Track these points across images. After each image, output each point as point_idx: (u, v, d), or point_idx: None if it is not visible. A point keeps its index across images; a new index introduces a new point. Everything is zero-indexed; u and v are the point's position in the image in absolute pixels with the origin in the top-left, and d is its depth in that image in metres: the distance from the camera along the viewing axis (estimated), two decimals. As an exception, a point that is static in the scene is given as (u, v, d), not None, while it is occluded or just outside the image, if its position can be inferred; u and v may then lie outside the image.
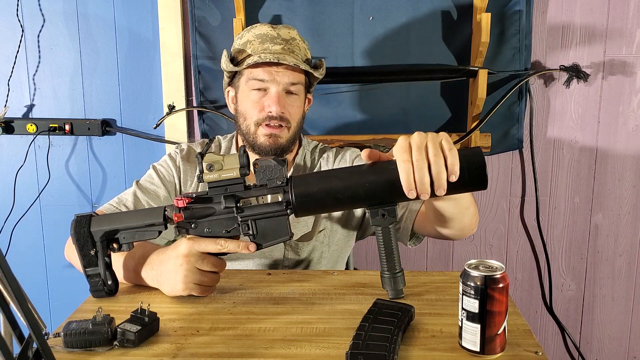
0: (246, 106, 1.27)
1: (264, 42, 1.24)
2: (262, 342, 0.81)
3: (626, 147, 1.81)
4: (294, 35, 1.27)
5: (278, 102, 1.23)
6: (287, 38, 1.26)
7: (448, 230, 1.09)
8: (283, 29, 1.27)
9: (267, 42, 1.24)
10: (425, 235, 1.22)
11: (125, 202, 1.24)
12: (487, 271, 0.75)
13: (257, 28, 1.27)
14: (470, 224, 1.09)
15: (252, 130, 1.26)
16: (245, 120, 1.28)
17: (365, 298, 0.95)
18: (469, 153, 0.87)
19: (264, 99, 1.25)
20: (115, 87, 1.85)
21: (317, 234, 1.31)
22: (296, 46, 1.26)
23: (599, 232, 1.87)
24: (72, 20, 1.81)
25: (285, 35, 1.26)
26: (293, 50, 1.25)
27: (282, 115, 1.24)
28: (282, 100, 1.24)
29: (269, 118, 1.24)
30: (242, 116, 1.29)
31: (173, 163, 1.32)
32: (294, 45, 1.26)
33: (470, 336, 0.76)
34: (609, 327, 1.93)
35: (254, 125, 1.26)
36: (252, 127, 1.26)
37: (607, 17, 1.74)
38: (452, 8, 1.74)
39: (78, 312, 0.94)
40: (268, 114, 1.24)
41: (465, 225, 1.07)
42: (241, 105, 1.29)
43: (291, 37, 1.26)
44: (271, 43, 1.24)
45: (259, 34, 1.26)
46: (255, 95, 1.25)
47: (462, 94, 1.79)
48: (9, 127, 1.84)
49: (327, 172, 0.96)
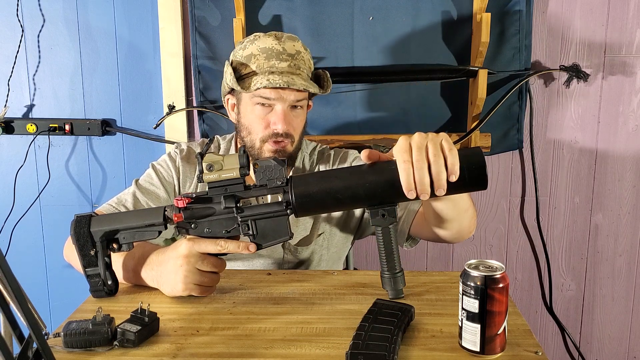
0: (251, 121, 1.25)
1: (269, 58, 1.21)
2: (262, 342, 0.81)
3: (626, 147, 1.81)
4: (298, 48, 1.24)
5: (284, 120, 1.21)
6: (293, 53, 1.23)
7: (446, 232, 1.09)
8: (288, 42, 1.23)
9: (273, 59, 1.21)
10: (423, 238, 1.22)
11: (124, 202, 1.24)
12: (487, 271, 0.75)
13: (262, 40, 1.23)
14: (469, 227, 1.09)
15: (257, 145, 1.25)
16: (250, 135, 1.26)
17: (365, 298, 0.95)
18: (469, 153, 0.87)
19: (270, 115, 1.23)
20: (115, 87, 1.85)
21: (316, 238, 1.31)
22: (301, 60, 1.24)
23: (599, 232, 1.87)
24: (72, 20, 1.81)
25: (291, 50, 1.23)
26: (299, 66, 1.23)
27: (287, 132, 1.23)
28: (288, 117, 1.23)
29: (275, 135, 1.23)
30: (245, 129, 1.27)
31: (173, 163, 1.32)
32: (299, 59, 1.23)
33: (470, 336, 0.76)
34: (609, 327, 1.93)
35: (260, 142, 1.24)
36: (257, 142, 1.25)
37: (607, 17, 1.74)
38: (452, 8, 1.73)
39: (78, 312, 0.94)
40: (274, 131, 1.22)
41: (464, 227, 1.07)
42: (245, 118, 1.27)
43: (296, 51, 1.23)
44: (277, 60, 1.21)
45: (263, 47, 1.22)
46: (260, 110, 1.23)
47: (462, 94, 1.79)
48: (9, 127, 1.84)
49: (327, 172, 0.96)
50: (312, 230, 1.30)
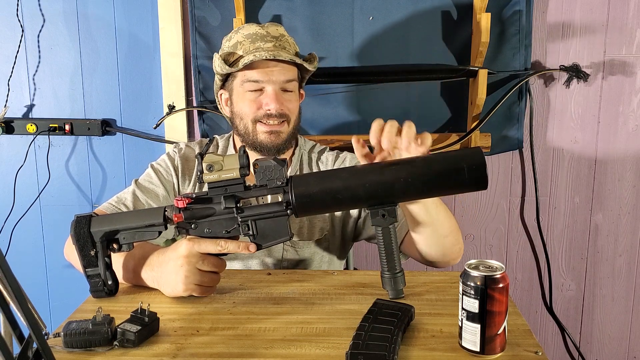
0: (242, 106, 1.27)
1: (254, 41, 1.24)
2: (262, 342, 0.82)
3: (626, 147, 1.81)
4: (282, 32, 1.28)
5: (276, 99, 1.23)
6: (277, 35, 1.26)
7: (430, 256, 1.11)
8: (271, 27, 1.27)
9: (258, 41, 1.24)
10: (413, 258, 1.21)
11: (124, 201, 1.24)
12: (487, 271, 0.75)
13: (245, 28, 1.27)
14: (451, 253, 1.11)
15: (250, 128, 1.26)
16: (242, 120, 1.27)
17: (365, 298, 0.95)
18: (469, 153, 0.87)
19: (261, 97, 1.25)
20: (115, 87, 1.85)
21: (317, 239, 1.30)
22: (286, 42, 1.27)
23: (599, 232, 1.87)
24: (72, 20, 1.81)
25: (274, 33, 1.26)
26: (284, 46, 1.26)
27: (281, 112, 1.24)
28: (280, 97, 1.24)
29: (267, 116, 1.24)
30: (238, 117, 1.28)
31: (171, 162, 1.32)
32: (284, 41, 1.27)
33: (470, 336, 0.76)
34: (609, 327, 1.93)
35: (252, 123, 1.25)
36: (249, 125, 1.26)
37: (607, 17, 1.74)
38: (452, 8, 1.73)
39: (78, 312, 0.94)
40: (266, 112, 1.24)
41: (446, 253, 1.09)
42: (237, 106, 1.28)
43: (280, 34, 1.27)
44: (262, 41, 1.24)
45: (247, 34, 1.26)
46: (251, 95, 1.25)
47: (462, 94, 1.79)
48: (9, 127, 1.84)
49: (327, 172, 0.96)
50: (313, 229, 1.30)
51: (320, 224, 1.31)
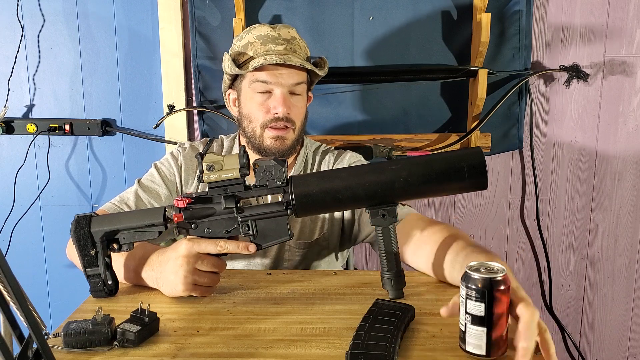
0: (251, 108, 1.26)
1: (265, 43, 1.24)
2: (262, 342, 0.81)
3: (626, 147, 1.81)
4: (294, 35, 1.27)
5: (284, 103, 1.22)
6: (288, 38, 1.25)
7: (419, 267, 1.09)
8: (283, 29, 1.26)
9: (269, 43, 1.23)
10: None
11: (127, 200, 1.24)
12: (490, 273, 0.74)
13: (257, 29, 1.26)
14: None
15: (257, 132, 1.26)
16: (250, 123, 1.27)
17: (365, 298, 0.95)
18: (469, 153, 0.87)
19: (269, 100, 1.24)
20: (115, 87, 1.85)
21: (317, 239, 1.30)
22: (297, 45, 1.26)
23: (599, 232, 1.87)
24: (72, 20, 1.81)
25: (286, 35, 1.25)
26: (295, 49, 1.25)
27: (287, 116, 1.24)
28: (288, 101, 1.24)
29: (275, 120, 1.24)
30: (246, 119, 1.28)
31: (175, 162, 1.32)
32: (295, 44, 1.26)
33: (475, 340, 0.74)
34: (609, 327, 1.93)
35: (260, 128, 1.25)
36: (258, 129, 1.25)
37: (607, 17, 1.74)
38: (452, 8, 1.74)
39: (78, 312, 0.94)
40: (274, 115, 1.23)
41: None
42: (245, 107, 1.28)
43: (292, 37, 1.26)
44: (273, 44, 1.23)
45: (259, 35, 1.25)
46: (259, 97, 1.24)
47: (462, 94, 1.79)
48: (9, 127, 1.84)
49: (327, 172, 0.96)
50: (313, 229, 1.30)
51: (320, 223, 1.31)
